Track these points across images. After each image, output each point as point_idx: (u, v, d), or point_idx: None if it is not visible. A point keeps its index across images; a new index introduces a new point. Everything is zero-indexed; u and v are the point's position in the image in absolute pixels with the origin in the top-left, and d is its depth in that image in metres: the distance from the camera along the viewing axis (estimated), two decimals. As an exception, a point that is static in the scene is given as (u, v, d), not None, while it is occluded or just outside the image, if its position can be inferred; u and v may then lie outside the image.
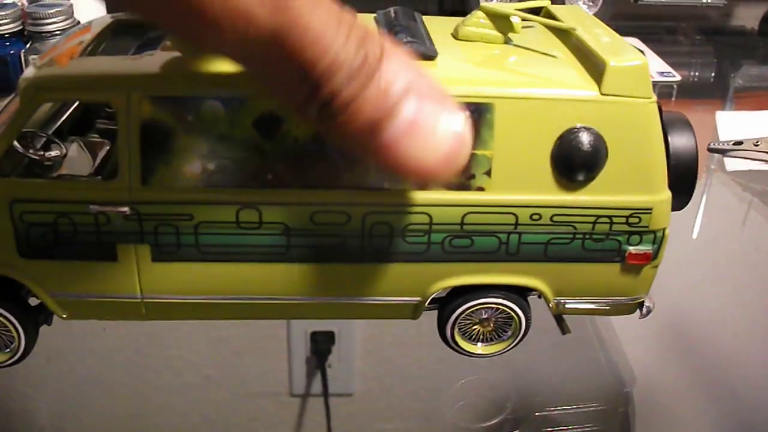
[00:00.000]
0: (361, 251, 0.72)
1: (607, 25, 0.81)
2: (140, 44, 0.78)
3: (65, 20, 1.24)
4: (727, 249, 1.14)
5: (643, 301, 0.78)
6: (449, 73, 0.71)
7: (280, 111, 0.68)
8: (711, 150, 1.26)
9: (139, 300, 0.74)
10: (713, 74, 1.94)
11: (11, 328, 0.76)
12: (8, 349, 0.77)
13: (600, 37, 0.75)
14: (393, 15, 0.80)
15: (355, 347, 0.88)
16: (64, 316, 0.76)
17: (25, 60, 1.24)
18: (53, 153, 0.76)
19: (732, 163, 1.27)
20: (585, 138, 0.70)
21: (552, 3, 0.86)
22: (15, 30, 1.23)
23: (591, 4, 1.95)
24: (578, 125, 0.70)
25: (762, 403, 0.85)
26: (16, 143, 0.72)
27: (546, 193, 0.71)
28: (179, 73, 0.69)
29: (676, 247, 0.79)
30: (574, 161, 0.70)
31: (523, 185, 0.71)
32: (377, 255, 0.72)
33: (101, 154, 0.84)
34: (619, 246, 0.73)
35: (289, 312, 0.76)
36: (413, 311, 0.77)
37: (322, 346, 0.85)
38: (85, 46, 0.74)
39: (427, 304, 0.76)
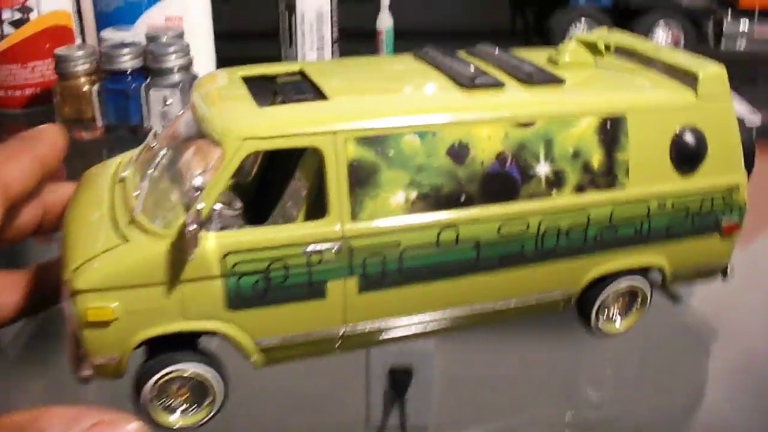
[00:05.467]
0: (535, 254, 0.82)
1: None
2: (279, 95, 0.82)
3: (182, 57, 1.32)
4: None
5: (727, 266, 0.95)
6: (582, 96, 0.84)
7: (467, 139, 0.77)
8: None
9: (340, 334, 0.78)
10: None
11: (212, 382, 0.76)
12: (206, 403, 0.76)
13: (676, 54, 0.92)
14: (497, 52, 0.91)
15: (432, 382, 0.91)
16: (260, 364, 0.77)
17: (146, 94, 1.28)
18: (236, 204, 0.78)
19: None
20: (692, 135, 0.86)
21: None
22: (137, 66, 1.33)
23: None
24: (685, 125, 0.85)
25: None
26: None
27: (668, 184, 0.86)
28: (377, 112, 0.75)
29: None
30: (687, 155, 0.86)
31: (652, 180, 0.85)
32: (547, 255, 0.82)
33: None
34: (717, 220, 0.90)
35: (470, 320, 0.83)
36: (565, 304, 0.88)
37: (400, 381, 0.88)
38: (251, 99, 0.77)
39: (577, 295, 0.87)
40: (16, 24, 1.52)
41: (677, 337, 1.01)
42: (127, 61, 1.39)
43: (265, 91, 0.85)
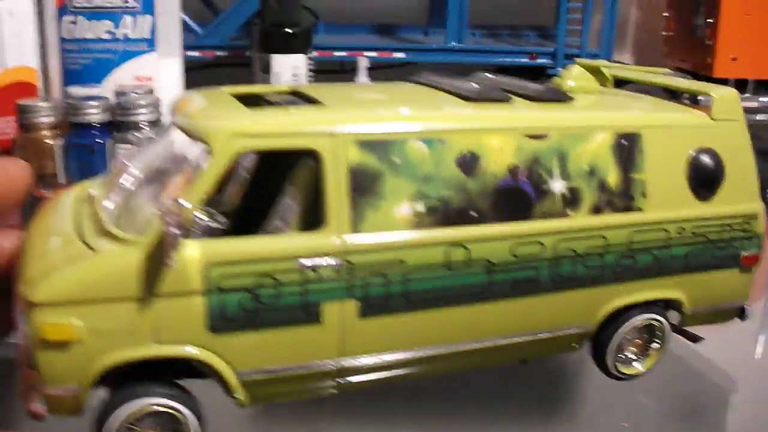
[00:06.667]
0: (550, 281, 0.74)
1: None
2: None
3: (152, 113, 1.25)
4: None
5: (744, 307, 0.88)
6: (593, 112, 0.79)
7: (477, 149, 0.71)
8: None
9: (338, 368, 0.68)
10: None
11: (187, 424, 0.64)
12: None
13: (682, 81, 0.88)
14: (495, 76, 0.87)
15: None
16: (246, 402, 0.67)
17: (112, 149, 1.22)
18: (220, 219, 0.69)
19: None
20: (708, 157, 0.81)
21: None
22: (104, 120, 1.26)
23: None
24: (701, 146, 0.81)
25: None
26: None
27: (686, 209, 0.80)
28: (380, 117, 0.69)
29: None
30: (704, 177, 0.80)
31: (669, 203, 0.79)
32: (563, 283, 0.74)
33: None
34: (736, 251, 0.83)
35: (481, 357, 0.74)
36: (580, 341, 0.79)
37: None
38: (241, 105, 0.70)
39: (594, 332, 0.79)
40: (-22, 78, 1.45)
41: (696, 388, 0.93)
42: (94, 115, 1.30)
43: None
